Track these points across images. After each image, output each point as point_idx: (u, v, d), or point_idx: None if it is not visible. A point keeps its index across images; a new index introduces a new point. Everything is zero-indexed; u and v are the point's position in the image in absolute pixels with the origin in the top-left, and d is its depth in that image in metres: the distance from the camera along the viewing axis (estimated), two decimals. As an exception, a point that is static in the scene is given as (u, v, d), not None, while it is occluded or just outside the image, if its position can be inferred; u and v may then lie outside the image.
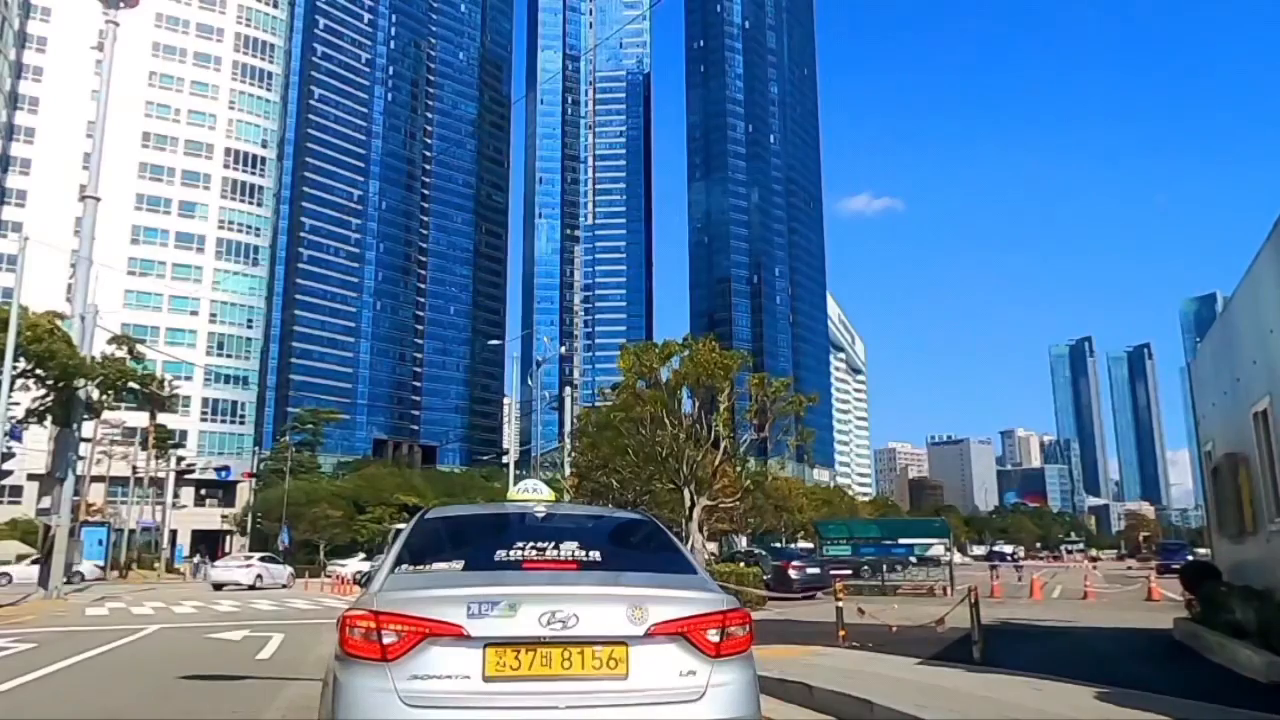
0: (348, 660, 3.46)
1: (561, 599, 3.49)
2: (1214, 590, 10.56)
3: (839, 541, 27.51)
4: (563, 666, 3.41)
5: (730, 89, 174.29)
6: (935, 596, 23.29)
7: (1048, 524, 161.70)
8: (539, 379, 55.00)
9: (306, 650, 11.73)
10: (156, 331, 77.75)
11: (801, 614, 17.69)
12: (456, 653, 3.37)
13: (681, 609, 3.59)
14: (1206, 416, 12.48)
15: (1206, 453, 12.49)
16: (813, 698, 7.25)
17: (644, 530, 4.63)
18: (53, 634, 14.43)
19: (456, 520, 4.81)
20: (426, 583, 3.67)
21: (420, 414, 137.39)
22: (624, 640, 3.47)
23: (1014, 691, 7.09)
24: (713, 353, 23.96)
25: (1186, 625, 11.34)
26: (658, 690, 3.45)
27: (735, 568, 21.11)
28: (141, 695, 8.35)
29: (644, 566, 4.10)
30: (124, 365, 36.36)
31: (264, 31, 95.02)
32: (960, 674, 8.12)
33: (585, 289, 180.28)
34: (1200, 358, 14.04)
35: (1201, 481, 13.78)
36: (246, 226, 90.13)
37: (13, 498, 65.14)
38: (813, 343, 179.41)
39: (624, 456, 27.79)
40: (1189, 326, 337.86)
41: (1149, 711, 6.21)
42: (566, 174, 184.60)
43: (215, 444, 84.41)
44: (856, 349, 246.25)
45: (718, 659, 3.56)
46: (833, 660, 9.30)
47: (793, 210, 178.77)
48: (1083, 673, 8.17)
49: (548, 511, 4.67)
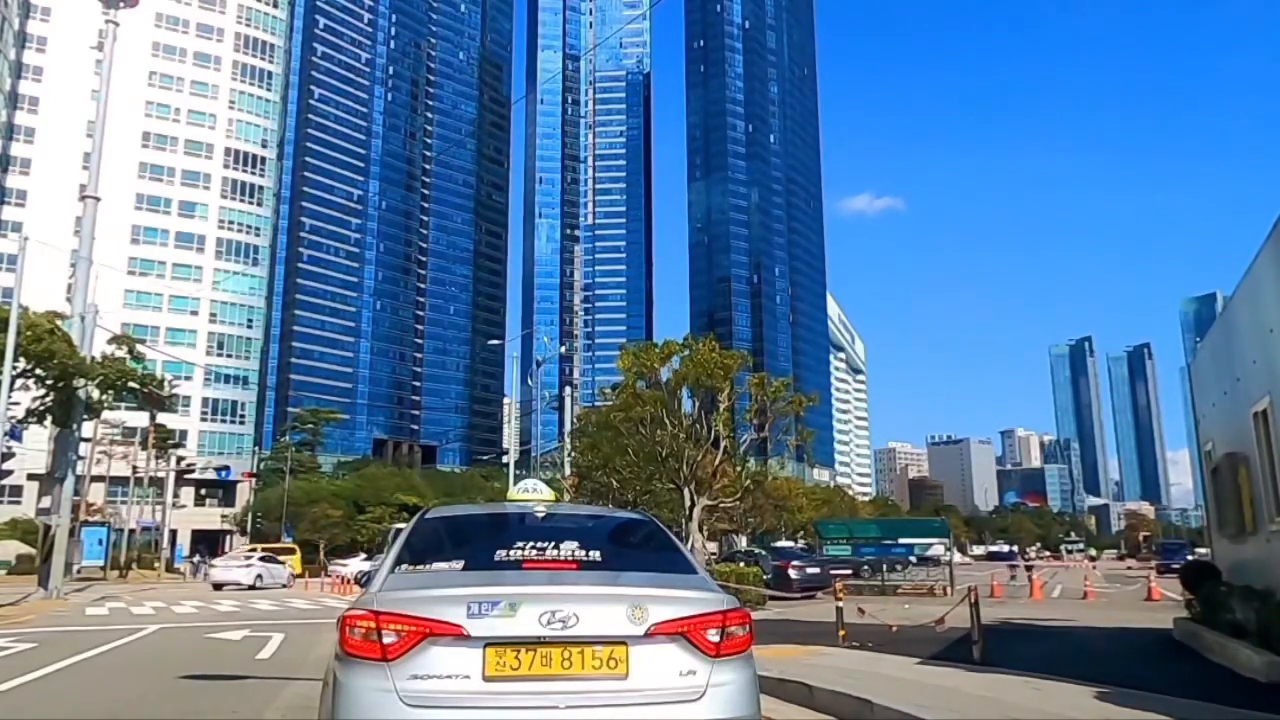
0: (348, 660, 3.45)
1: (561, 599, 3.49)
2: (1214, 590, 10.56)
3: (839, 541, 27.53)
4: (563, 666, 3.41)
5: (730, 89, 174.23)
6: (935, 596, 23.28)
7: (1048, 524, 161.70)
8: (539, 379, 54.97)
9: (307, 650, 11.73)
10: (156, 331, 77.74)
11: (801, 614, 17.69)
12: (456, 652, 3.37)
13: (681, 609, 3.59)
14: (1206, 416, 12.47)
15: (1206, 453, 12.48)
16: (812, 698, 7.25)
17: (644, 530, 4.62)
18: (53, 634, 14.43)
19: (456, 520, 4.80)
20: (426, 582, 3.67)
21: (420, 414, 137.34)
22: (624, 640, 3.47)
23: (1014, 691, 7.09)
24: (713, 352, 23.95)
25: (1186, 625, 11.34)
26: (658, 690, 3.45)
27: (735, 567, 21.11)
28: (142, 695, 8.34)
29: (644, 566, 4.08)
30: (124, 365, 36.22)
31: (264, 31, 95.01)
32: (960, 674, 8.13)
33: (585, 289, 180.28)
34: (1200, 358, 14.04)
35: (1201, 481, 13.78)
36: (246, 226, 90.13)
37: (13, 498, 65.15)
38: (813, 342, 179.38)
39: (624, 456, 27.78)
40: (1189, 326, 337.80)
41: (1149, 711, 6.21)
42: (566, 174, 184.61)
43: (215, 444, 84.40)
44: (856, 349, 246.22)
45: (718, 659, 3.56)
46: (833, 660, 9.30)
47: (793, 210, 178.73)
48: (1083, 672, 8.17)
49: (547, 511, 4.66)
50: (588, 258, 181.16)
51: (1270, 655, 7.70)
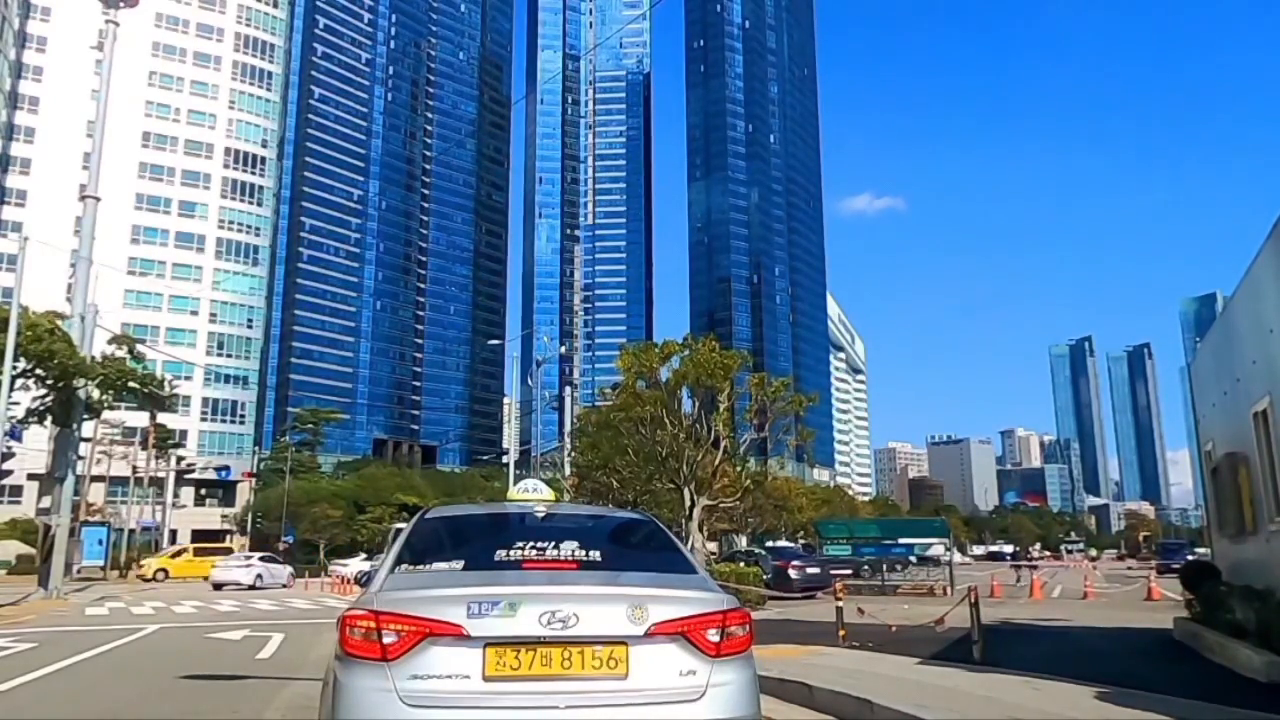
0: (348, 660, 3.45)
1: (561, 599, 3.48)
2: (1214, 590, 10.56)
3: (839, 541, 27.54)
4: (563, 666, 3.41)
5: (730, 89, 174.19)
6: (935, 596, 23.28)
7: (1048, 524, 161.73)
8: (539, 379, 54.97)
9: (307, 650, 11.73)
10: (157, 331, 77.78)
11: (801, 614, 17.70)
12: (457, 652, 3.37)
13: (681, 609, 3.58)
14: (1206, 416, 12.47)
15: (1207, 452, 12.48)
16: (813, 698, 7.24)
17: (644, 530, 4.61)
18: (53, 634, 14.41)
19: (456, 520, 4.79)
20: (426, 582, 3.66)
21: (420, 414, 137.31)
22: (624, 640, 3.47)
23: (1014, 691, 7.09)
24: (713, 352, 23.92)
25: (1186, 625, 11.34)
26: (658, 690, 3.45)
27: (735, 567, 21.13)
28: (142, 695, 8.33)
29: (644, 566, 4.08)
30: (124, 365, 36.24)
31: (264, 31, 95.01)
32: (961, 674, 8.12)
33: (585, 289, 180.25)
34: (1200, 358, 14.03)
35: (1201, 481, 13.77)
36: (246, 226, 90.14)
37: (13, 498, 65.18)
38: (813, 342, 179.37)
39: (624, 456, 27.76)
40: (1189, 326, 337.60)
41: (1149, 711, 6.21)
42: (566, 174, 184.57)
43: (215, 444, 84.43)
44: (856, 349, 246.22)
45: (718, 659, 3.56)
46: (833, 660, 9.30)
47: (793, 210, 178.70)
48: (1083, 672, 8.17)
49: (547, 511, 4.66)
50: (588, 258, 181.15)
51: (1270, 655, 7.70)
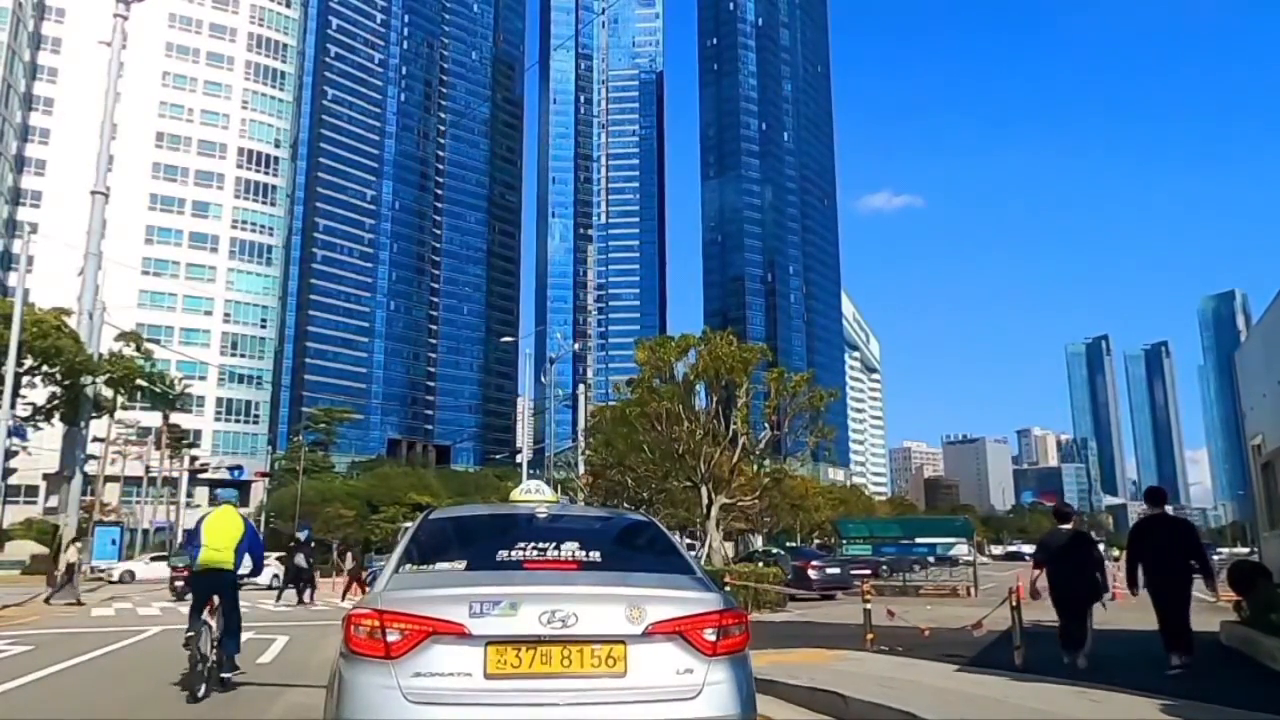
0: (352, 658, 3.54)
1: (561, 598, 3.55)
2: (1268, 592, 9.96)
3: (859, 540, 27.06)
4: (562, 664, 3.48)
5: (744, 87, 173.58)
6: (959, 597, 22.74)
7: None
8: (552, 376, 54.68)
9: (310, 653, 11.31)
10: (171, 331, 77.89)
11: (822, 615, 17.24)
12: (459, 651, 3.44)
13: (679, 608, 3.65)
14: (1255, 408, 11.85)
15: (1255, 446, 11.86)
16: (848, 709, 6.70)
17: (644, 531, 4.70)
18: (55, 635, 14.16)
19: (460, 521, 4.86)
20: (430, 582, 3.76)
21: (434, 413, 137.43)
22: (622, 639, 3.53)
23: (1069, 703, 6.54)
24: (730, 346, 23.38)
25: (1236, 629, 10.74)
26: (655, 688, 3.51)
27: (755, 567, 20.65)
28: (142, 696, 8.24)
29: (643, 567, 4.15)
30: (131, 363, 35.96)
31: (277, 31, 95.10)
32: (1005, 682, 7.57)
33: (598, 288, 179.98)
34: (1248, 347, 13.40)
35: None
36: (260, 226, 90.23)
37: (28, 497, 65.27)
38: (827, 341, 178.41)
39: (639, 454, 27.26)
40: (1208, 324, 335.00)
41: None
42: (579, 173, 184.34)
43: (229, 443, 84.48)
44: (871, 348, 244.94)
45: (714, 657, 3.62)
46: (864, 667, 8.76)
47: (807, 208, 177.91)
48: (1130, 680, 7.62)
49: (550, 512, 4.73)
50: (601, 257, 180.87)
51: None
